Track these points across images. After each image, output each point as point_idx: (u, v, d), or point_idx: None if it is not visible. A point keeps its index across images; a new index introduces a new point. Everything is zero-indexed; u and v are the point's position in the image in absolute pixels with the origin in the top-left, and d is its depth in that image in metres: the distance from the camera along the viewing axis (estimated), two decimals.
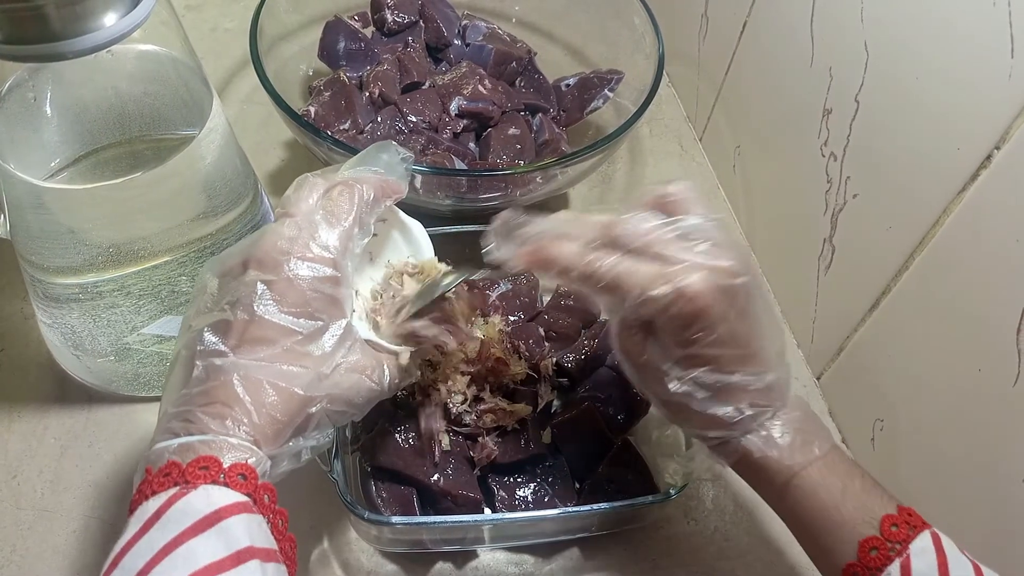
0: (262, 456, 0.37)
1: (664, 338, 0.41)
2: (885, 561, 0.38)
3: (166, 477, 0.34)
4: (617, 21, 0.76)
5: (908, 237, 0.54)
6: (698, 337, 0.39)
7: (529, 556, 0.55)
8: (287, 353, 0.38)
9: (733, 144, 0.78)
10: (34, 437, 0.58)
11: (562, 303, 0.63)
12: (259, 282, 0.39)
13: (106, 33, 0.41)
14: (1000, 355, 0.47)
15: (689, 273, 0.39)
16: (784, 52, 0.66)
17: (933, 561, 0.38)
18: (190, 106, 0.52)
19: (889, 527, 0.39)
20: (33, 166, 0.48)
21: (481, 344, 0.55)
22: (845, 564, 0.40)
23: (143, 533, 0.33)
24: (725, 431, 0.42)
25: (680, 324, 0.39)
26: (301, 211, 0.41)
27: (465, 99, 0.72)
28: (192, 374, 0.38)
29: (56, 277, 0.52)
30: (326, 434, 0.41)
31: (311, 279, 0.39)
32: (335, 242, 0.41)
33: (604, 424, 0.56)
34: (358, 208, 0.42)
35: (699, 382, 0.41)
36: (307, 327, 0.39)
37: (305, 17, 0.76)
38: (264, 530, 0.35)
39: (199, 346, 0.38)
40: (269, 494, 0.36)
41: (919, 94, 0.52)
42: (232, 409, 0.37)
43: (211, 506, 0.33)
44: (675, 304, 0.39)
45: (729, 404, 0.41)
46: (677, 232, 0.40)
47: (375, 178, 0.44)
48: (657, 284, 0.39)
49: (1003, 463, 0.48)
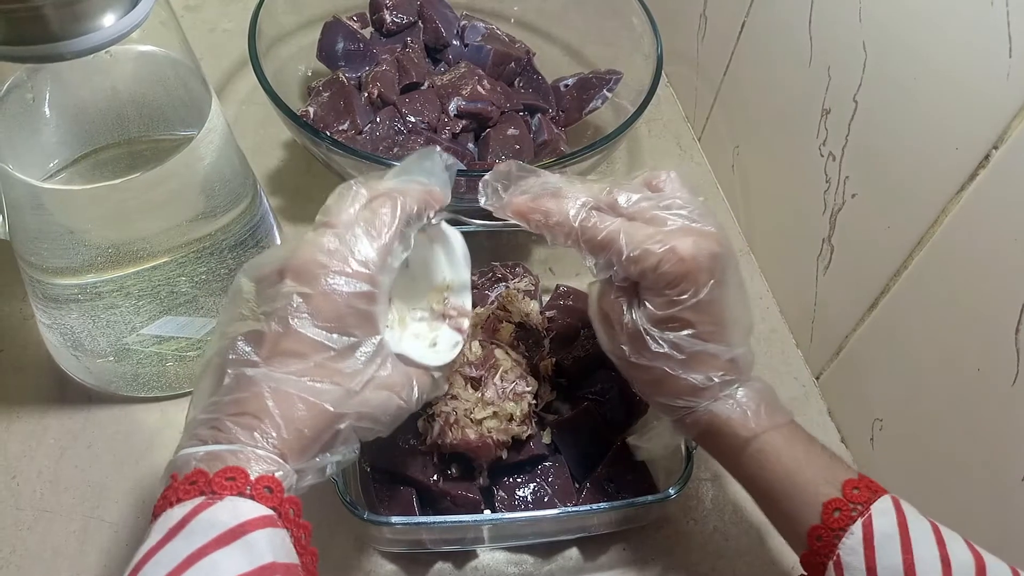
0: (289, 470, 0.36)
1: (649, 298, 0.43)
2: (848, 521, 0.39)
3: (192, 485, 0.34)
4: (616, 21, 0.76)
5: (907, 237, 0.54)
6: (683, 299, 0.42)
7: (529, 556, 0.55)
8: (318, 368, 0.38)
9: (732, 144, 0.78)
10: (33, 438, 0.58)
11: (562, 303, 0.63)
12: (295, 294, 0.38)
13: (105, 34, 0.41)
14: (999, 354, 0.47)
15: (682, 235, 0.42)
16: (782, 52, 0.66)
17: (894, 520, 0.39)
18: (189, 107, 0.52)
19: (851, 490, 0.40)
20: (32, 167, 0.48)
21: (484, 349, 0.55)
22: (809, 527, 0.41)
23: (166, 541, 0.33)
24: (693, 398, 0.44)
25: (667, 283, 0.42)
26: (342, 222, 0.40)
27: (464, 99, 0.72)
28: (223, 382, 0.38)
29: (55, 278, 0.52)
30: (352, 449, 0.40)
31: (348, 295, 0.39)
32: (374, 257, 0.40)
33: (604, 424, 0.56)
34: (399, 222, 0.41)
35: (677, 344, 0.43)
36: (340, 343, 0.39)
37: (304, 18, 0.76)
38: (287, 545, 0.35)
39: (231, 354, 0.38)
40: (294, 508, 0.36)
41: (917, 94, 0.52)
42: (261, 421, 0.36)
43: (236, 519, 0.33)
44: (666, 262, 0.41)
45: (700, 372, 0.43)
46: (667, 204, 0.43)
47: (419, 189, 0.43)
48: (650, 243, 0.42)
49: (1003, 462, 0.48)
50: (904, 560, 0.38)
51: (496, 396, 0.53)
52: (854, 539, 0.39)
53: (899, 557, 0.38)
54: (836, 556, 0.39)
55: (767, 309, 0.72)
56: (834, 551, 0.39)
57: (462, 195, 0.64)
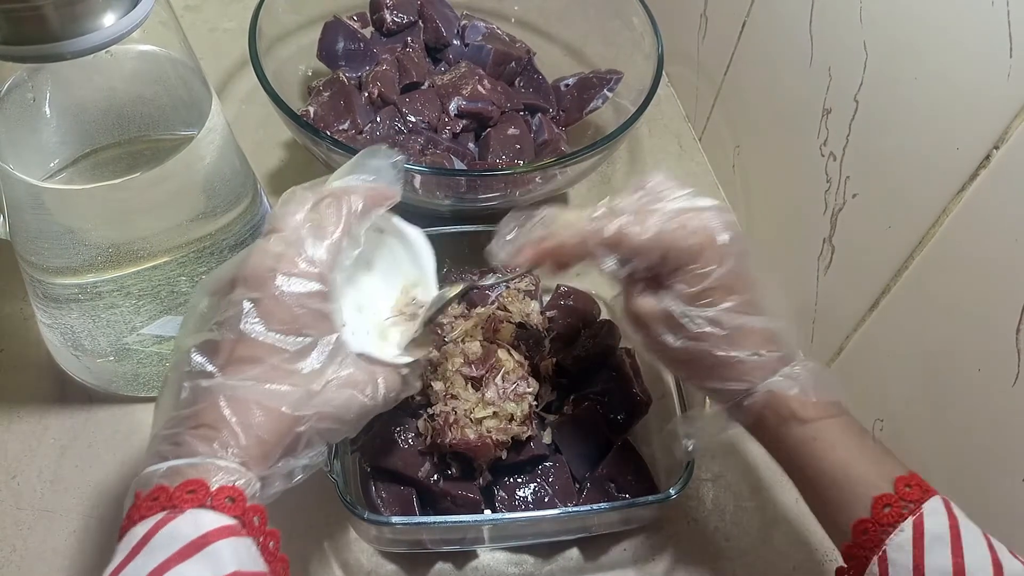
0: (251, 477, 0.36)
1: (676, 280, 0.43)
2: (898, 518, 0.39)
3: (154, 502, 0.34)
4: (616, 21, 0.76)
5: (907, 237, 0.54)
6: (709, 269, 0.42)
7: (529, 556, 0.55)
8: (275, 371, 0.38)
9: (732, 144, 0.78)
10: (34, 437, 0.58)
11: (562, 303, 0.63)
12: (245, 300, 0.38)
13: (105, 34, 0.41)
14: (1000, 354, 0.47)
15: (690, 213, 0.43)
16: (783, 52, 0.66)
17: (945, 522, 0.38)
18: (189, 106, 0.52)
19: (903, 487, 0.40)
20: (32, 166, 0.48)
21: (484, 348, 0.55)
22: (856, 519, 0.40)
23: (130, 559, 0.33)
24: (748, 377, 0.43)
25: (690, 257, 0.42)
26: (288, 226, 0.40)
27: (464, 99, 0.72)
28: (180, 396, 0.38)
29: (55, 277, 0.52)
30: (319, 452, 0.40)
31: (298, 295, 0.39)
32: (323, 256, 0.40)
33: (604, 424, 0.56)
34: (346, 220, 0.41)
35: (716, 320, 0.42)
36: (295, 344, 0.38)
37: (304, 17, 0.76)
38: (253, 553, 0.34)
39: (186, 367, 0.38)
40: (259, 516, 0.36)
41: (918, 94, 0.52)
42: (219, 431, 0.36)
43: (198, 530, 0.33)
44: (682, 237, 0.42)
45: (746, 348, 0.43)
46: (662, 193, 0.45)
47: (364, 187, 0.43)
48: (663, 222, 0.43)
49: (1003, 462, 0.48)
50: (954, 564, 0.37)
51: (497, 396, 0.53)
52: (903, 536, 0.38)
53: (949, 560, 0.37)
54: (882, 551, 0.38)
55: None
56: (879, 546, 0.39)
57: (462, 195, 0.65)
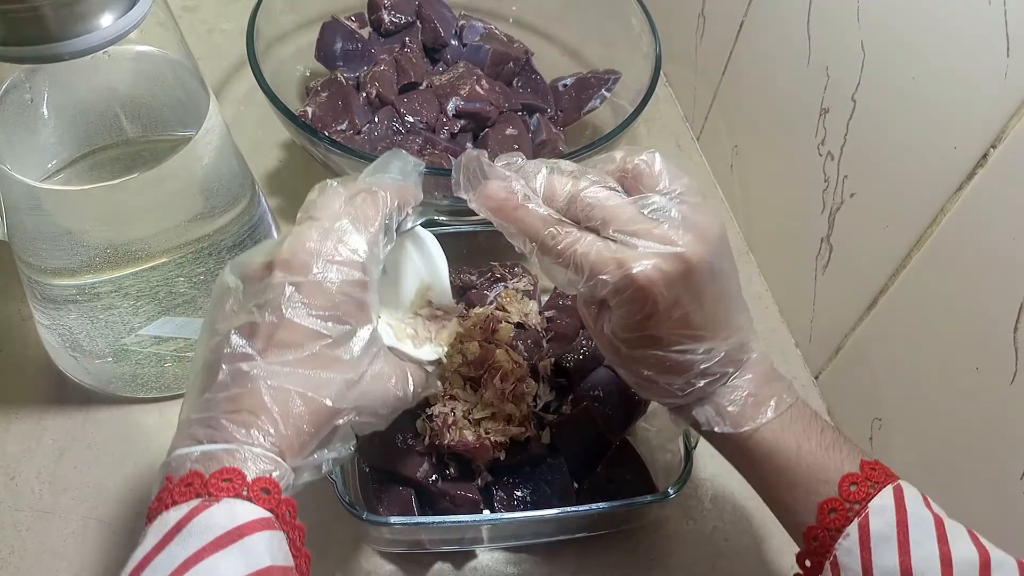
0: (287, 469, 0.36)
1: (616, 318, 0.41)
2: (844, 522, 0.38)
3: (188, 487, 0.34)
4: (614, 21, 0.76)
5: (905, 236, 0.54)
6: (649, 323, 0.40)
7: (528, 556, 0.55)
8: (315, 358, 0.38)
9: (730, 143, 0.78)
10: (32, 438, 0.58)
11: (561, 303, 0.63)
12: (287, 284, 0.38)
13: (103, 34, 0.41)
14: (998, 353, 0.47)
15: (641, 260, 0.38)
16: (781, 51, 0.66)
17: (892, 520, 0.38)
18: (187, 107, 0.52)
19: (848, 487, 0.39)
20: (30, 167, 0.48)
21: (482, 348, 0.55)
22: (806, 527, 0.40)
23: (163, 546, 0.32)
24: (679, 400, 0.43)
25: (630, 309, 0.39)
26: (326, 215, 0.40)
27: (462, 99, 0.72)
28: (217, 378, 0.37)
29: (53, 278, 0.52)
30: (348, 446, 0.40)
31: (340, 283, 0.39)
32: (364, 246, 0.40)
33: (603, 424, 0.56)
34: (383, 215, 0.41)
35: (648, 362, 0.41)
36: (336, 331, 0.38)
37: (302, 18, 0.76)
38: (284, 547, 0.34)
39: (226, 349, 0.37)
40: (291, 509, 0.36)
41: (916, 93, 0.52)
42: (258, 418, 0.36)
43: (233, 521, 0.33)
44: (625, 289, 0.39)
45: (680, 377, 0.41)
46: (638, 210, 0.39)
47: (395, 184, 0.43)
48: (609, 268, 0.38)
49: (1002, 461, 0.48)
50: (901, 563, 0.37)
51: (495, 397, 0.53)
52: (850, 540, 0.38)
53: (895, 559, 0.37)
54: (833, 557, 0.39)
55: (766, 308, 0.72)
56: (831, 551, 0.39)
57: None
